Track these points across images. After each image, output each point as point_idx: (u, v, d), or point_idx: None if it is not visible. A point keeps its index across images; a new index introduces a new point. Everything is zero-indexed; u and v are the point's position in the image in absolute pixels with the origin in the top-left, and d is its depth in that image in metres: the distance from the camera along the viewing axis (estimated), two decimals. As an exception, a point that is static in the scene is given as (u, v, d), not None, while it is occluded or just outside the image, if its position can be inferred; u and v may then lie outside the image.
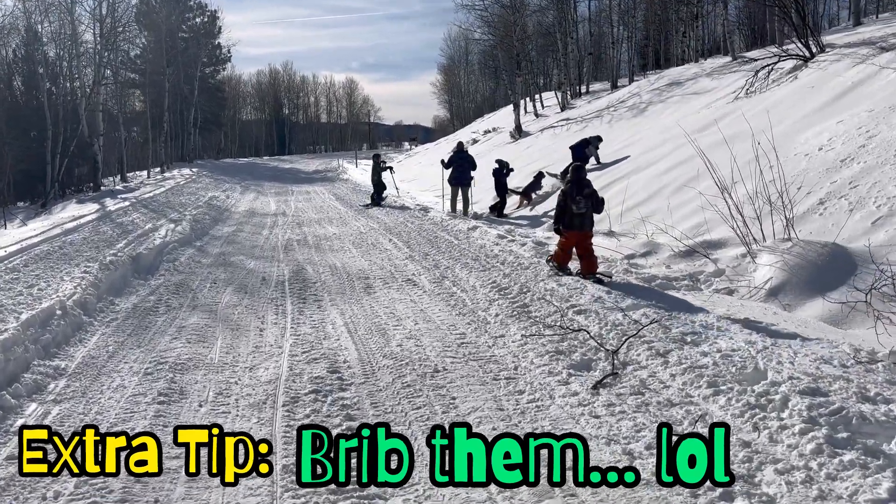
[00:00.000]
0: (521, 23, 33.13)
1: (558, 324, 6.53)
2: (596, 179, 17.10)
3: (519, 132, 31.94)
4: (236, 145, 73.35)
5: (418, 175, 29.68)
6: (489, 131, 39.84)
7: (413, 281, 9.39)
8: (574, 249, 9.05)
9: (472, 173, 17.15)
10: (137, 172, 36.87)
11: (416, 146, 67.03)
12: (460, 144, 18.60)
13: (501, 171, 17.03)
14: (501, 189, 16.88)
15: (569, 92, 36.92)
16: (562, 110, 34.79)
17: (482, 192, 21.04)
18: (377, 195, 20.17)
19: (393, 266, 10.56)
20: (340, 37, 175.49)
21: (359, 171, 40.51)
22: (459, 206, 17.14)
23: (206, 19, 51.77)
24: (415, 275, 9.78)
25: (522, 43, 33.23)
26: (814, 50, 17.99)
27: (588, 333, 6.06)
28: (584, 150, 17.35)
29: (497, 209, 16.67)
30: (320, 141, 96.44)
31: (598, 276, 8.72)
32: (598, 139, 18.22)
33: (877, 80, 13.49)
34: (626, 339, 5.76)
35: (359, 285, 9.31)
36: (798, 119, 13.63)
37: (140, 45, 43.09)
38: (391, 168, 20.27)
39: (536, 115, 37.47)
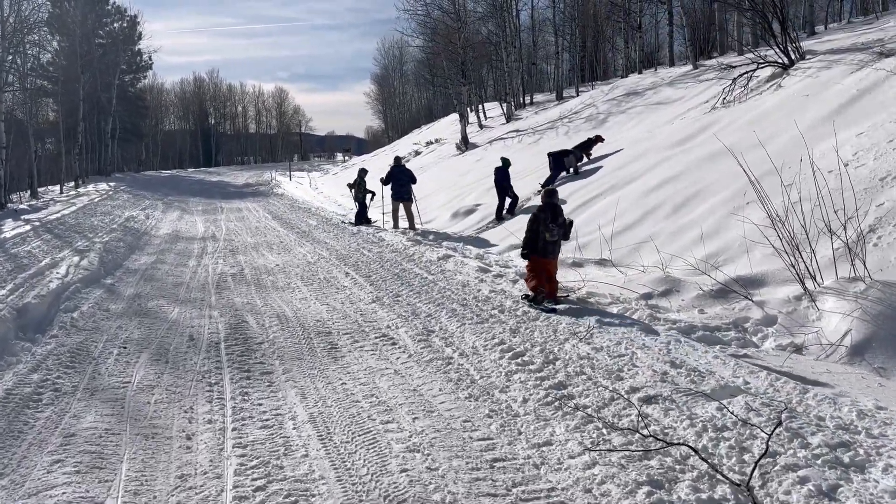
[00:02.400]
0: (464, 30, 31.43)
1: (627, 424, 4.49)
2: (572, 195, 15.45)
3: (466, 144, 30.22)
4: (158, 157, 69.24)
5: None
6: (432, 142, 37.98)
7: (390, 337, 7.25)
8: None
9: (413, 187, 16.65)
10: (50, 188, 33.55)
11: (351, 157, 64.74)
12: (397, 159, 18.10)
13: (505, 171, 15.96)
14: (502, 191, 15.86)
15: (513, 102, 35.39)
16: (507, 121, 33.28)
17: (436, 208, 19.08)
18: (364, 215, 18.35)
19: (359, 313, 8.37)
20: (268, 46, 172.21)
21: (293, 185, 37.86)
22: (403, 223, 16.43)
23: (125, 24, 48.31)
24: (390, 327, 7.62)
25: (466, 51, 31.50)
26: (793, 56, 16.84)
27: (692, 449, 4.01)
28: (562, 159, 16.99)
29: (499, 214, 15.78)
30: (249, 152, 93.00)
31: (558, 298, 8.50)
32: (570, 152, 17.41)
33: (888, 87, 12.16)
34: (755, 464, 3.79)
35: (319, 345, 7.09)
36: (803, 130, 12.14)
37: (52, 49, 39.63)
38: (373, 193, 18.31)
39: (481, 125, 35.85)
